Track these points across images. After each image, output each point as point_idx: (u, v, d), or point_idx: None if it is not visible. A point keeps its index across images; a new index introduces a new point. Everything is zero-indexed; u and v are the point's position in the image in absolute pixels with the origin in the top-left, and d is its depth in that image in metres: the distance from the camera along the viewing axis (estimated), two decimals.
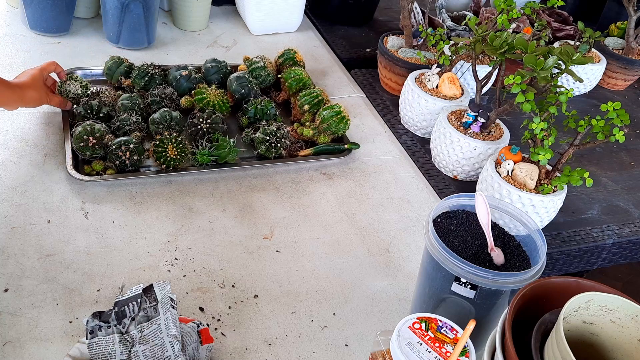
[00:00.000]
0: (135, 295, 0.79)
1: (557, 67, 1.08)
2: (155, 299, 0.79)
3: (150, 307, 0.78)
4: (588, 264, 1.33)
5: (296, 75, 1.43)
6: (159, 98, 1.29)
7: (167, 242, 1.05)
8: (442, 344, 0.73)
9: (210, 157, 1.20)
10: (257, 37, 1.78)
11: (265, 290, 1.00)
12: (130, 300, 0.79)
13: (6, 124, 1.22)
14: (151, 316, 0.78)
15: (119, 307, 0.78)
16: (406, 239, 1.16)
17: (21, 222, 1.02)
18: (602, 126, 1.05)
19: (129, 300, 0.79)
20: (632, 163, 1.55)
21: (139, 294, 0.79)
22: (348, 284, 1.04)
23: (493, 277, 0.81)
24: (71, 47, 1.53)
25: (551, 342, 0.64)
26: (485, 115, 1.26)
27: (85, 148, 1.14)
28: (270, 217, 1.15)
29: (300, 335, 0.94)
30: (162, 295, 0.79)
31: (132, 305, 0.79)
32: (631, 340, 0.68)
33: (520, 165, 1.14)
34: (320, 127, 1.33)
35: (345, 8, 1.92)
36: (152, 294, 0.79)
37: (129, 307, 0.79)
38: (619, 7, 1.97)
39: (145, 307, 0.79)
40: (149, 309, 0.78)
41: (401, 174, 1.33)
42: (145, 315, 0.78)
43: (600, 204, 1.37)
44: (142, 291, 0.80)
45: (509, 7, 1.29)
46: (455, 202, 0.95)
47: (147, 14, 1.52)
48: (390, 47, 1.58)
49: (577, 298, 0.67)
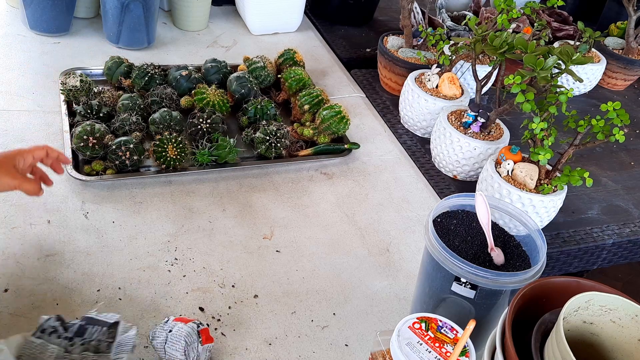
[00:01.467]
0: (105, 322, 0.77)
1: (557, 67, 1.08)
2: (114, 337, 0.76)
3: (104, 342, 0.76)
4: (588, 264, 1.33)
5: (296, 75, 1.43)
6: (159, 98, 1.29)
7: (167, 242, 1.05)
8: (442, 344, 0.73)
9: (210, 157, 1.20)
10: (257, 37, 1.78)
11: (265, 290, 1.00)
12: (99, 324, 0.77)
13: (6, 124, 1.22)
14: (101, 351, 0.75)
15: (85, 322, 0.76)
16: (406, 239, 1.16)
17: (21, 222, 1.02)
18: (602, 126, 1.05)
19: (98, 322, 0.77)
20: (632, 163, 1.55)
21: (109, 324, 0.77)
22: (348, 284, 1.04)
23: (493, 277, 0.81)
24: (71, 47, 1.53)
25: (551, 342, 0.64)
26: (485, 115, 1.26)
27: (85, 148, 1.14)
28: (270, 217, 1.15)
29: (300, 335, 0.94)
30: (122, 338, 0.76)
31: (96, 329, 0.76)
32: (631, 340, 0.68)
33: (520, 165, 1.14)
34: (320, 127, 1.33)
35: (345, 8, 1.92)
36: (114, 330, 0.77)
37: (92, 329, 0.76)
38: (619, 7, 1.97)
39: (102, 339, 0.76)
40: (102, 343, 0.76)
41: (401, 174, 1.33)
42: (96, 346, 0.75)
43: (600, 204, 1.37)
44: (110, 324, 0.77)
45: (509, 7, 1.29)
46: (455, 202, 0.95)
47: (147, 14, 1.52)
48: (390, 47, 1.58)
49: (577, 298, 0.67)
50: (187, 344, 0.80)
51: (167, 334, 0.81)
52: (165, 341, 0.80)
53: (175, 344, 0.80)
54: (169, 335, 0.80)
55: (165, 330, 0.81)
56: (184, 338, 0.80)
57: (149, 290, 0.95)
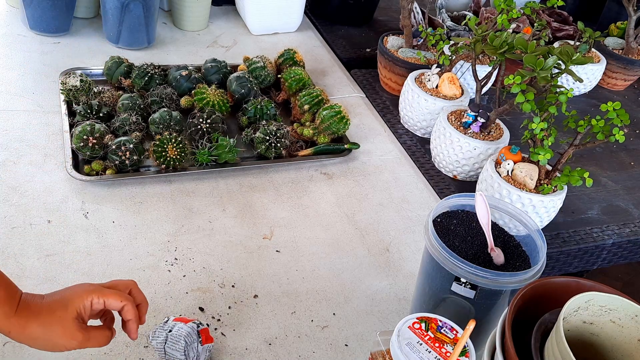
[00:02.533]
0: None
1: (557, 67, 1.08)
2: None
3: None
4: (588, 264, 1.33)
5: (296, 75, 1.43)
6: (159, 98, 1.29)
7: (167, 242, 1.05)
8: (442, 344, 0.73)
9: (210, 157, 1.20)
10: (257, 37, 1.78)
11: (265, 290, 1.00)
12: None
13: (6, 124, 1.22)
14: None
15: None
16: (406, 239, 1.16)
17: (21, 222, 1.02)
18: (602, 126, 1.05)
19: None
20: (632, 163, 1.55)
21: None
22: (348, 284, 1.04)
23: (493, 277, 0.81)
24: (71, 47, 1.53)
25: (551, 342, 0.64)
26: (485, 115, 1.26)
27: (85, 148, 1.14)
28: (270, 217, 1.15)
29: (300, 335, 0.94)
30: None
31: None
32: (631, 340, 0.68)
33: (520, 165, 1.14)
34: (320, 127, 1.33)
35: (345, 8, 1.92)
36: None
37: None
38: (619, 7, 1.97)
39: None
40: None
41: (401, 174, 1.33)
42: None
43: (600, 204, 1.37)
44: None
45: (509, 7, 1.29)
46: (455, 202, 0.95)
47: (147, 14, 1.52)
48: (390, 47, 1.58)
49: (577, 298, 0.67)
50: (187, 344, 0.80)
51: (167, 333, 0.81)
52: (165, 341, 0.80)
53: (175, 344, 0.80)
54: (168, 335, 0.80)
55: (165, 330, 0.81)
56: (183, 338, 0.79)
57: (149, 290, 0.95)
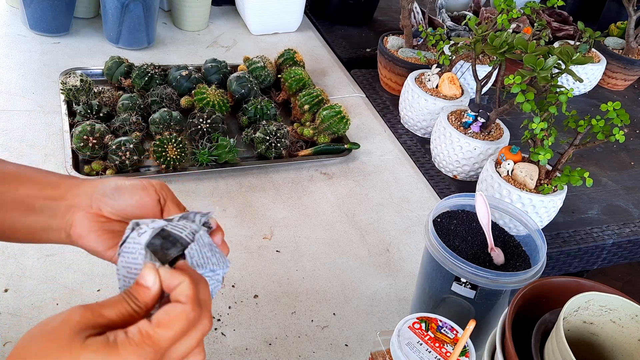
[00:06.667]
0: None
1: (557, 67, 1.08)
2: None
3: None
4: (588, 264, 1.33)
5: (296, 75, 1.43)
6: (159, 98, 1.29)
7: None
8: (442, 344, 0.73)
9: (210, 157, 1.20)
10: (257, 37, 1.78)
11: (265, 290, 1.00)
12: None
13: (6, 124, 1.22)
14: None
15: None
16: (406, 239, 1.16)
17: None
18: (602, 126, 1.05)
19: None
20: (632, 163, 1.55)
21: None
22: (348, 284, 1.04)
23: (493, 277, 0.81)
24: (71, 47, 1.53)
25: (551, 342, 0.64)
26: (485, 115, 1.26)
27: (85, 148, 1.14)
28: (270, 217, 1.15)
29: (300, 335, 0.94)
30: None
31: None
32: (631, 340, 0.68)
33: (520, 165, 1.14)
34: (320, 127, 1.33)
35: (345, 8, 1.92)
36: None
37: None
38: (619, 7, 1.97)
39: None
40: None
41: (401, 174, 1.33)
42: None
43: (600, 204, 1.37)
44: None
45: (509, 7, 1.29)
46: (455, 202, 0.95)
47: (147, 14, 1.52)
48: (390, 47, 1.58)
49: (577, 298, 0.67)
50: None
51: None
52: None
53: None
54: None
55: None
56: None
57: None
